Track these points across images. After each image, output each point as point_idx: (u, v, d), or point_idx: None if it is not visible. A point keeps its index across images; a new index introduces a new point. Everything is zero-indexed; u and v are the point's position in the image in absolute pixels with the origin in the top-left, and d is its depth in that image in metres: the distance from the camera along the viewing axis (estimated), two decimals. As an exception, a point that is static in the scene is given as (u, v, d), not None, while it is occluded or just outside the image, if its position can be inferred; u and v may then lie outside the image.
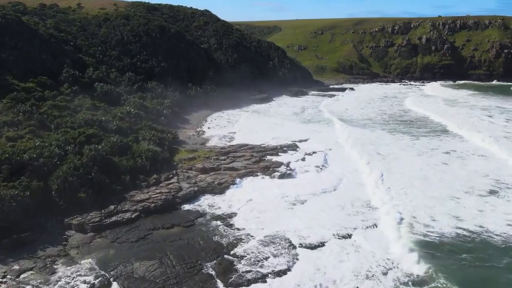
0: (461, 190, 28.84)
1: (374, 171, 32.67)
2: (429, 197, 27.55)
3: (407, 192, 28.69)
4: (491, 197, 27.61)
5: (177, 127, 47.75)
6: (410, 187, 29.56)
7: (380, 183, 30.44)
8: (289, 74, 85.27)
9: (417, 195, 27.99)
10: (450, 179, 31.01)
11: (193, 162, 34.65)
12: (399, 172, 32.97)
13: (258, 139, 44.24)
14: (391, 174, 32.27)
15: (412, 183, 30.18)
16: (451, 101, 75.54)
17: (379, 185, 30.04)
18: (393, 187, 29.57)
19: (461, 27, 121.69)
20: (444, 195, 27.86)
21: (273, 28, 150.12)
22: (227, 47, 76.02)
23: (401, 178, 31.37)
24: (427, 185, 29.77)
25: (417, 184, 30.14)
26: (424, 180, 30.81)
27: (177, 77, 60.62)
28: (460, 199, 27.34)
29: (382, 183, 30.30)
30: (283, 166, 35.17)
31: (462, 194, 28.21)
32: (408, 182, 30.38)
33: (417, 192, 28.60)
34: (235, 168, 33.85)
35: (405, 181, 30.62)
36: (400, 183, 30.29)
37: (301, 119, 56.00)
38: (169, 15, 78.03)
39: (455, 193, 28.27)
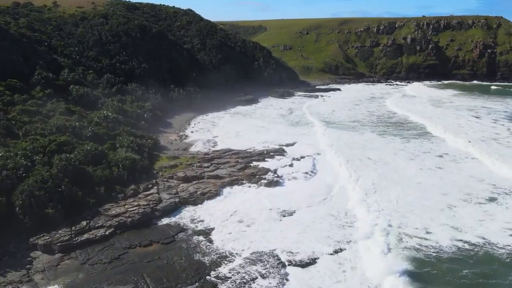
0: (458, 198, 27.54)
1: (362, 179, 31.09)
2: (424, 206, 26.12)
3: (400, 201, 27.18)
4: (490, 205, 26.37)
5: (158, 132, 45.52)
6: (403, 195, 28.09)
7: (370, 192, 28.87)
8: (275, 75, 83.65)
9: (410, 205, 26.52)
10: (446, 185, 29.71)
11: (174, 170, 32.57)
12: (391, 178, 31.54)
13: (243, 144, 42.43)
14: (382, 181, 30.80)
15: (405, 191, 28.72)
16: (437, 101, 75.18)
17: (370, 194, 28.45)
18: (384, 196, 28.05)
19: (445, 27, 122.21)
20: (440, 204, 26.49)
21: (258, 28, 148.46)
22: (211, 48, 73.92)
23: (393, 186, 29.90)
24: (422, 193, 28.37)
25: (411, 192, 28.71)
26: (418, 187, 29.42)
27: (159, 79, 58.34)
28: (457, 207, 26.01)
29: (373, 193, 28.73)
30: (270, 173, 33.40)
31: (459, 201, 26.90)
32: (401, 190, 28.91)
33: (410, 201, 27.15)
34: (219, 176, 31.91)
35: (397, 189, 29.15)
36: (392, 191, 28.79)
37: (288, 121, 54.37)
38: (150, 14, 75.48)
39: (452, 201, 26.95)
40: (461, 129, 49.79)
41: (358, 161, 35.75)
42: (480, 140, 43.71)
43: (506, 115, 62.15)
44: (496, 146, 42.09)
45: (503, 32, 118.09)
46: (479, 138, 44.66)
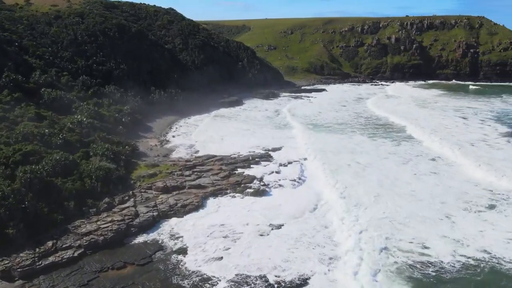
0: (455, 206, 26.13)
1: (351, 187, 29.45)
2: (420, 217, 24.60)
3: (393, 211, 25.60)
4: (490, 213, 25.06)
5: (137, 137, 43.10)
6: (396, 205, 26.53)
7: (360, 202, 27.25)
8: (260, 75, 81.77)
9: (405, 215, 24.95)
10: (442, 192, 28.28)
11: (153, 180, 30.33)
12: (383, 186, 29.99)
13: (228, 149, 40.47)
14: (373, 189, 29.21)
15: (399, 200, 27.18)
16: (422, 101, 74.55)
17: (360, 204, 26.82)
18: (376, 206, 26.44)
19: (428, 27, 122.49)
20: (437, 213, 25.02)
21: (241, 27, 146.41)
22: (193, 48, 71.56)
23: (386, 194, 28.34)
24: (417, 202, 26.87)
25: (405, 200, 27.17)
26: (413, 196, 27.92)
27: (139, 81, 55.77)
28: (456, 217, 24.55)
29: (363, 203, 27.11)
30: (256, 181, 31.49)
31: (457, 210, 25.47)
32: (394, 199, 27.36)
33: (405, 210, 25.58)
34: (202, 185, 29.83)
35: (390, 198, 27.58)
36: (385, 200, 27.19)
37: (274, 124, 52.55)
38: (129, 13, 72.64)
39: (449, 210, 25.52)
40: (449, 131, 48.84)
41: (346, 167, 34.17)
42: (469, 144, 42.63)
43: (492, 115, 61.79)
44: (486, 149, 41.14)
45: (485, 32, 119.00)
46: (468, 141, 43.65)
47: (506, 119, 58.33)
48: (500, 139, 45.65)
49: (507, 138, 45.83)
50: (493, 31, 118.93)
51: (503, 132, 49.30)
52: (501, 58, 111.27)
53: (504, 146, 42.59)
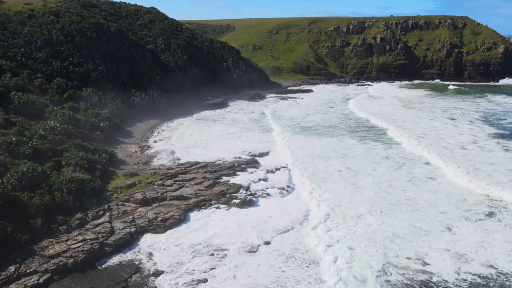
0: (454, 214, 24.76)
1: (341, 197, 27.89)
2: (418, 228, 23.13)
3: (389, 224, 24.08)
4: (490, 222, 23.73)
5: (116, 143, 40.77)
6: (392, 216, 25.03)
7: (351, 213, 25.68)
8: (245, 76, 79.91)
9: (402, 227, 23.46)
10: (439, 200, 26.91)
11: (132, 191, 28.17)
12: (376, 194, 28.49)
13: (212, 154, 38.59)
14: (365, 198, 27.69)
15: (394, 211, 25.68)
16: (408, 101, 73.82)
17: (351, 216, 25.25)
18: (368, 217, 24.89)
19: (413, 27, 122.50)
20: (436, 224, 23.60)
21: (226, 27, 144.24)
22: (176, 48, 69.21)
23: (379, 203, 26.83)
24: (413, 212, 25.40)
25: (401, 211, 25.68)
26: (409, 205, 26.46)
27: (118, 83, 53.28)
28: (456, 227, 23.15)
29: (355, 213, 25.55)
30: (242, 190, 29.66)
31: (457, 219, 24.09)
32: (389, 210, 25.86)
33: (402, 222, 24.08)
34: (184, 196, 27.82)
35: (385, 208, 26.07)
36: (379, 211, 25.67)
37: (261, 127, 50.74)
38: (109, 12, 69.80)
39: (448, 219, 24.14)
40: (438, 133, 47.85)
41: (337, 173, 32.58)
42: (460, 147, 41.60)
43: (479, 115, 61.27)
44: (478, 152, 40.19)
45: (469, 32, 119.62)
46: (459, 144, 42.63)
47: (493, 120, 57.85)
48: (489, 141, 44.81)
49: (497, 140, 45.08)
50: (476, 31, 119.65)
51: (492, 133, 48.57)
52: (485, 58, 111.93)
53: (494, 148, 41.74)
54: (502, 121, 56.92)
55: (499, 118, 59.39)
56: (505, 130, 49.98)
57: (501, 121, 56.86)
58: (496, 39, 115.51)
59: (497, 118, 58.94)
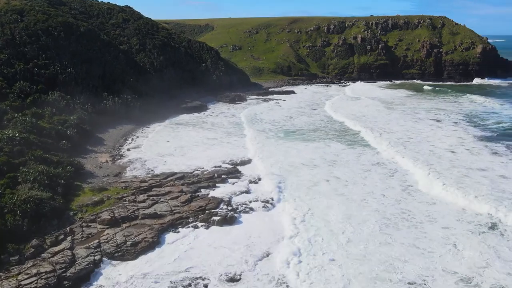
0: (457, 229, 22.82)
1: (332, 212, 25.67)
2: (418, 248, 21.06)
3: (386, 245, 21.98)
4: (492, 236, 21.86)
5: (85, 152, 37.53)
6: (388, 234, 22.94)
7: (342, 231, 23.50)
8: (225, 78, 77.21)
9: (401, 247, 21.38)
10: (438, 212, 24.94)
11: (99, 209, 25.23)
12: (371, 206, 26.41)
13: (190, 163, 35.98)
14: (358, 214, 25.56)
15: (391, 228, 23.59)
16: (390, 102, 72.64)
17: (340, 235, 23.06)
18: (363, 238, 22.74)
19: (393, 27, 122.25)
20: (437, 240, 21.61)
21: (204, 27, 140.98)
22: (152, 48, 65.92)
23: (374, 220, 24.73)
24: (412, 228, 23.34)
25: (398, 228, 23.61)
26: (405, 219, 24.41)
27: (89, 86, 49.76)
28: (459, 243, 21.18)
29: (344, 231, 23.37)
30: (222, 204, 27.11)
31: (460, 235, 22.11)
32: (386, 228, 23.77)
33: (400, 242, 21.99)
34: (158, 214, 25.05)
35: (381, 226, 23.96)
36: (374, 229, 23.55)
37: (242, 131, 48.18)
38: (79, 11, 65.85)
39: (450, 234, 22.16)
40: (425, 136, 46.45)
41: (324, 184, 30.40)
42: (450, 151, 40.18)
43: (463, 116, 60.42)
44: (467, 156, 38.80)
45: (447, 32, 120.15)
46: (448, 148, 41.19)
47: (478, 121, 57.07)
48: (476, 144, 43.49)
49: (483, 143, 43.83)
50: (454, 31, 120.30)
51: (478, 135, 47.45)
52: (463, 58, 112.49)
53: (482, 152, 40.43)
54: (486, 122, 56.21)
55: (483, 119, 58.68)
56: (491, 132, 49.04)
57: (485, 122, 56.14)
58: (474, 39, 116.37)
59: (481, 119, 58.20)
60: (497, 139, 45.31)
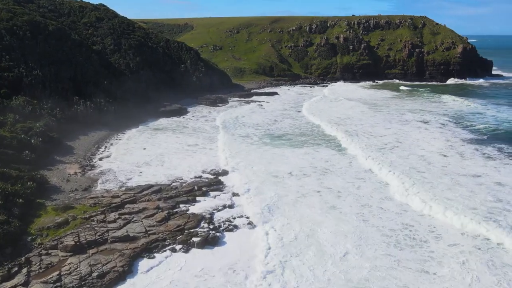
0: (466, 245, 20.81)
1: (324, 231, 23.37)
2: (421, 271, 18.97)
3: (388, 269, 19.80)
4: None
5: (52, 163, 34.17)
6: (389, 253, 20.76)
7: (336, 252, 21.24)
8: (205, 79, 74.26)
9: (403, 272, 19.23)
10: (445, 231, 22.92)
11: (62, 232, 22.20)
12: (367, 221, 24.23)
13: (168, 173, 33.30)
14: (353, 232, 23.33)
15: (391, 248, 21.44)
16: (374, 104, 71.16)
17: (335, 257, 20.79)
18: (359, 261, 20.52)
19: (375, 27, 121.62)
20: (444, 261, 19.54)
21: (184, 26, 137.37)
22: (128, 49, 62.46)
23: (372, 240, 22.54)
24: (416, 249, 21.24)
25: (399, 248, 21.47)
26: (409, 236, 22.30)
27: (58, 90, 46.16)
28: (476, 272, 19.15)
29: (340, 253, 21.13)
30: (203, 223, 24.46)
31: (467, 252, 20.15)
32: (386, 246, 21.62)
33: (403, 264, 19.86)
34: (131, 236, 22.20)
35: (380, 247, 21.79)
36: (372, 250, 21.35)
37: (224, 136, 45.46)
38: (48, 9, 61.80)
39: (459, 255, 20.13)
40: (414, 140, 44.87)
41: (315, 196, 28.12)
42: (441, 155, 38.62)
43: (449, 118, 59.36)
44: (457, 161, 37.27)
45: (428, 32, 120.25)
46: (438, 152, 39.67)
47: (464, 122, 56.05)
48: (466, 147, 42.14)
49: (474, 146, 42.50)
50: (435, 31, 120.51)
51: (467, 138, 46.20)
52: (444, 58, 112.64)
53: (474, 156, 38.97)
54: (473, 123, 55.16)
55: (469, 120, 57.67)
56: (480, 134, 47.86)
57: (472, 123, 55.09)
58: (455, 38, 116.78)
59: (467, 121, 57.19)
60: (487, 141, 44.13)
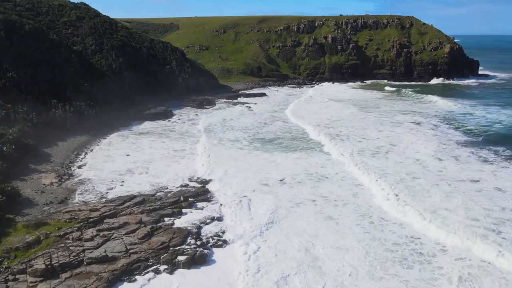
0: (474, 259, 19.32)
1: (318, 245, 21.72)
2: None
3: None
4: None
5: (26, 172, 31.81)
6: (394, 276, 19.17)
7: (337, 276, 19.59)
8: (191, 80, 72.06)
9: None
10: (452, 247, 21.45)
11: (32, 254, 20.04)
12: (369, 233, 22.63)
13: (153, 181, 31.53)
14: (354, 248, 21.72)
15: (396, 267, 19.85)
16: (364, 105, 69.95)
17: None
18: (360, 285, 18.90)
19: (363, 26, 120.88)
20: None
21: (169, 26, 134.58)
22: (110, 49, 59.92)
23: (375, 260, 20.94)
24: (425, 265, 19.69)
25: (406, 269, 19.91)
26: (415, 251, 20.75)
27: (34, 93, 43.59)
28: None
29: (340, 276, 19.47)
30: (190, 238, 22.57)
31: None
32: (392, 264, 20.03)
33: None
34: (110, 257, 20.15)
35: (384, 262, 20.21)
36: (374, 270, 19.76)
37: (211, 141, 43.52)
38: (25, 7, 58.81)
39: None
40: (408, 143, 43.65)
41: (310, 205, 26.45)
42: (436, 158, 37.41)
43: (440, 119, 58.44)
44: (454, 164, 36.07)
45: (416, 32, 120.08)
46: (433, 155, 38.46)
47: (456, 124, 55.02)
48: (462, 150, 40.95)
49: (469, 149, 41.32)
50: (422, 31, 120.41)
51: (462, 140, 45.05)
52: (432, 57, 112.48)
53: (470, 159, 37.84)
54: (465, 125, 54.21)
55: (460, 121, 56.75)
56: (474, 136, 46.83)
57: (464, 125, 54.14)
58: (442, 38, 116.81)
59: (459, 122, 56.24)
60: (482, 144, 43.09)
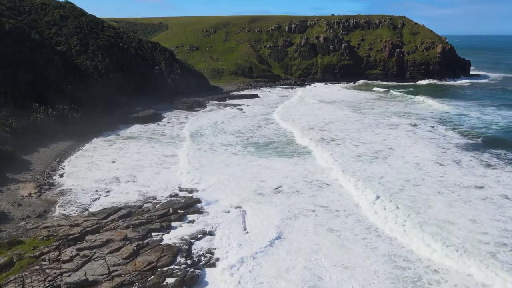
0: None
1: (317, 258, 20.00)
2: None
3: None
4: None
5: (3, 183, 29.63)
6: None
7: None
8: (181, 81, 69.87)
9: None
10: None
11: (4, 278, 17.94)
12: (375, 249, 20.96)
13: (141, 190, 29.67)
14: (355, 267, 20.04)
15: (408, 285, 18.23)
16: (357, 107, 68.56)
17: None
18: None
19: (355, 26, 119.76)
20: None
21: (158, 25, 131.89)
22: (96, 50, 57.53)
23: (382, 274, 19.26)
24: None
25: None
26: (430, 269, 19.14)
27: (14, 96, 41.21)
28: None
29: None
30: (180, 257, 20.66)
31: None
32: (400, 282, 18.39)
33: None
34: (90, 281, 18.17)
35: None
36: None
37: (201, 146, 41.52)
38: (7, 6, 56.10)
39: None
40: (406, 145, 42.28)
41: (309, 216, 24.71)
42: (436, 163, 36.02)
43: (436, 120, 57.29)
44: (455, 170, 34.68)
45: (408, 32, 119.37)
46: (433, 159, 37.08)
47: (453, 125, 53.84)
48: (462, 154, 39.51)
49: (470, 153, 39.89)
50: (414, 31, 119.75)
51: (461, 143, 43.67)
52: (424, 57, 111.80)
53: (472, 163, 36.44)
54: (461, 127, 52.95)
55: (456, 123, 55.63)
56: (474, 138, 45.53)
57: (461, 127, 52.89)
58: (434, 38, 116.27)
59: (455, 124, 55.08)
60: (483, 147, 41.80)
